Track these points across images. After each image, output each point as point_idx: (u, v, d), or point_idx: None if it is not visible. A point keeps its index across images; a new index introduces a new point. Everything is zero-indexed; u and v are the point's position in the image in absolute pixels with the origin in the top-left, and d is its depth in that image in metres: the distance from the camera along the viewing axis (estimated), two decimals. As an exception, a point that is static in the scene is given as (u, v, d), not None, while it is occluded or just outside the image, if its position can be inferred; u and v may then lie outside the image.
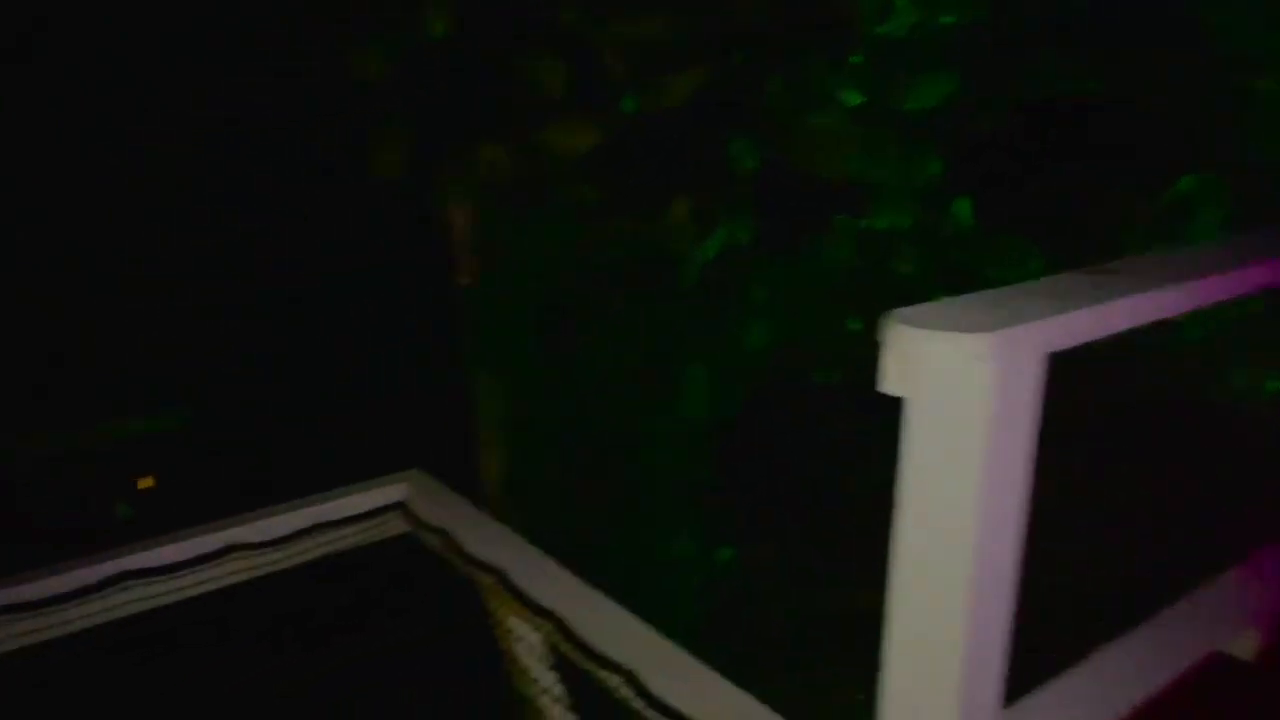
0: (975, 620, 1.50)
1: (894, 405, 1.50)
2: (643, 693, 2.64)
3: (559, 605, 3.06)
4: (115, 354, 7.03)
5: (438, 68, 4.26)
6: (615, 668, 2.72)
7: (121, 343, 6.98)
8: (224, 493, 6.61)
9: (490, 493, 5.50)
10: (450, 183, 4.72)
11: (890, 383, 1.48)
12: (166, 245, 6.46)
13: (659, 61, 4.14)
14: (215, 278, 6.75)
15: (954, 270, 4.35)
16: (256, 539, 3.48)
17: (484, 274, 5.31)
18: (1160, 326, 1.77)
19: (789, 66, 4.36)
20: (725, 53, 4.30)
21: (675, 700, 2.53)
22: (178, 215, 5.06)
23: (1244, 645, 2.34)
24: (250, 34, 4.45)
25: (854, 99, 4.36)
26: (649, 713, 2.53)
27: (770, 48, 4.36)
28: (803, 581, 6.70)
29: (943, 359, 1.42)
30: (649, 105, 4.21)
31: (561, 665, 3.14)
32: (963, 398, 1.41)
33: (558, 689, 3.16)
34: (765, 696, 2.55)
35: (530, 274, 5.32)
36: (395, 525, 3.75)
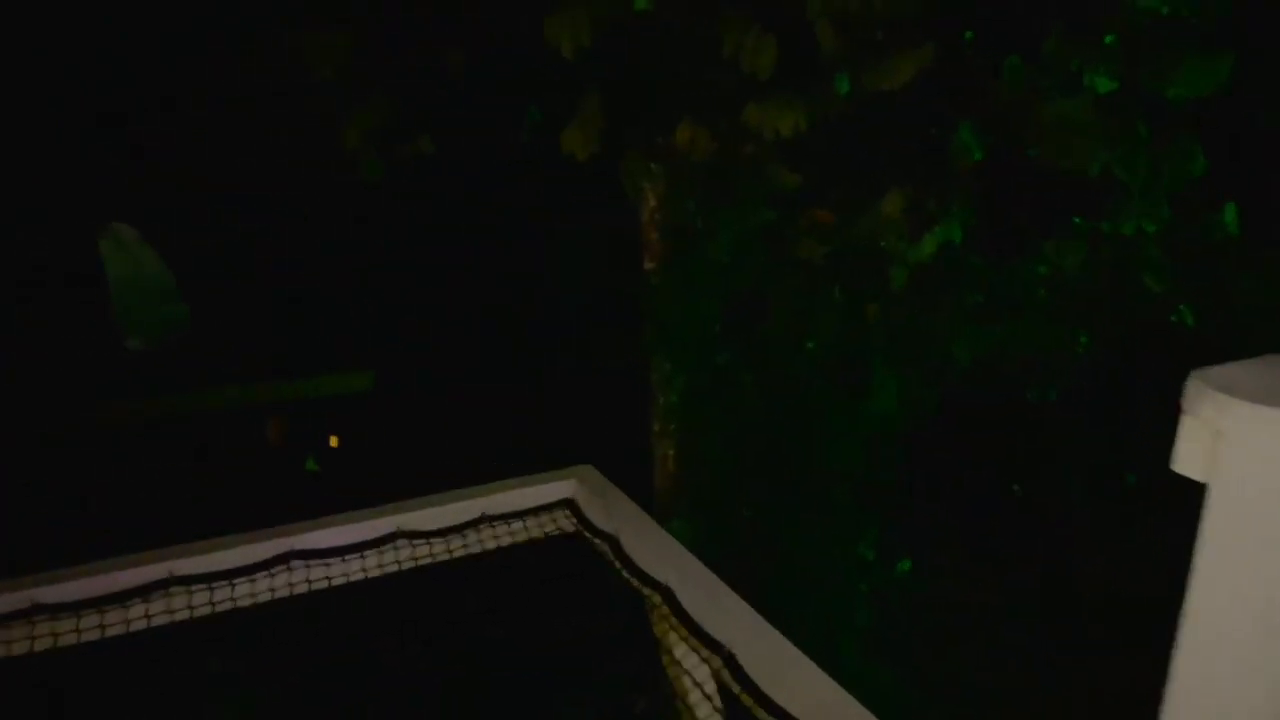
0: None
1: (1109, 437, 1.11)
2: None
3: (731, 637, 2.77)
4: (319, 317, 7.27)
5: (637, 41, 4.02)
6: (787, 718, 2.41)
7: (324, 307, 7.22)
8: (398, 460, 6.73)
9: (660, 486, 5.28)
10: (642, 163, 4.47)
11: (1188, 463, 1.11)
12: (364, 219, 6.59)
13: (879, 38, 3.73)
14: (405, 249, 6.84)
15: (1210, 288, 3.74)
16: (422, 526, 3.38)
17: (670, 259, 5.07)
18: None
19: (1029, 45, 3.85)
20: (955, 29, 3.85)
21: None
22: (375, 193, 5.08)
23: None
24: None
25: (1104, 84, 3.80)
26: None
27: (1008, 24, 3.87)
28: (983, 603, 6.21)
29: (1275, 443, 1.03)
30: (865, 86, 3.81)
31: (727, 700, 2.85)
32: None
33: (722, 726, 2.88)
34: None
35: (719, 262, 5.04)
36: (562, 523, 3.58)
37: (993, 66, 3.86)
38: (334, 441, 7.19)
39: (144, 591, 2.94)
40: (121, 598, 2.92)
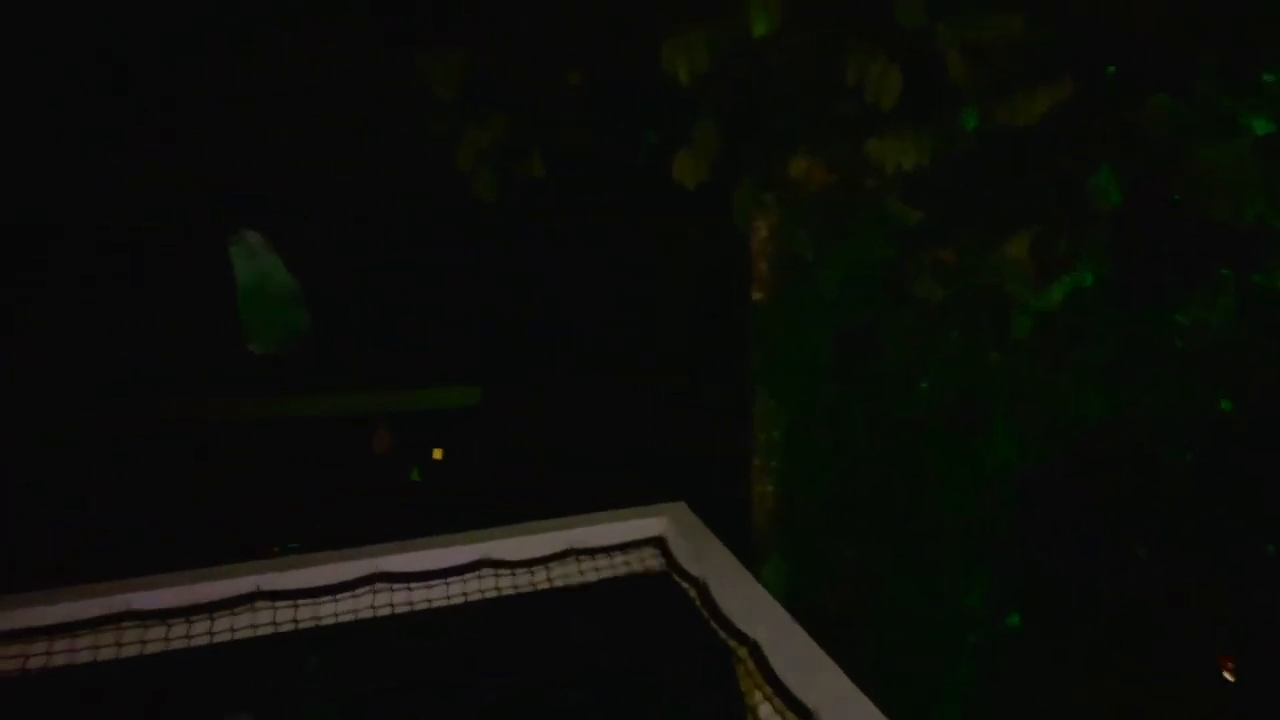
0: None
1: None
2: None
3: (820, 703, 2.61)
4: (430, 330, 7.38)
5: (755, 68, 3.91)
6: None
7: (436, 321, 7.33)
8: (493, 478, 6.75)
9: (756, 524, 5.11)
10: (755, 192, 4.35)
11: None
12: (478, 237, 6.66)
13: (1013, 70, 3.51)
14: (515, 268, 6.88)
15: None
16: (509, 555, 3.32)
17: (780, 291, 4.91)
18: None
19: (1178, 83, 3.56)
20: (1097, 63, 3.59)
21: None
22: (489, 211, 5.11)
23: None
24: (567, 20, 4.33)
25: (1263, 126, 3.48)
26: None
27: (1155, 59, 3.59)
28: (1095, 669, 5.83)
29: None
30: (995, 121, 3.59)
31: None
32: None
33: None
34: None
35: (830, 295, 4.86)
36: (650, 562, 3.47)
37: (1137, 104, 3.59)
38: (438, 454, 7.26)
39: (231, 604, 2.96)
40: (210, 609, 2.95)
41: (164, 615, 2.91)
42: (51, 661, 2.74)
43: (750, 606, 3.08)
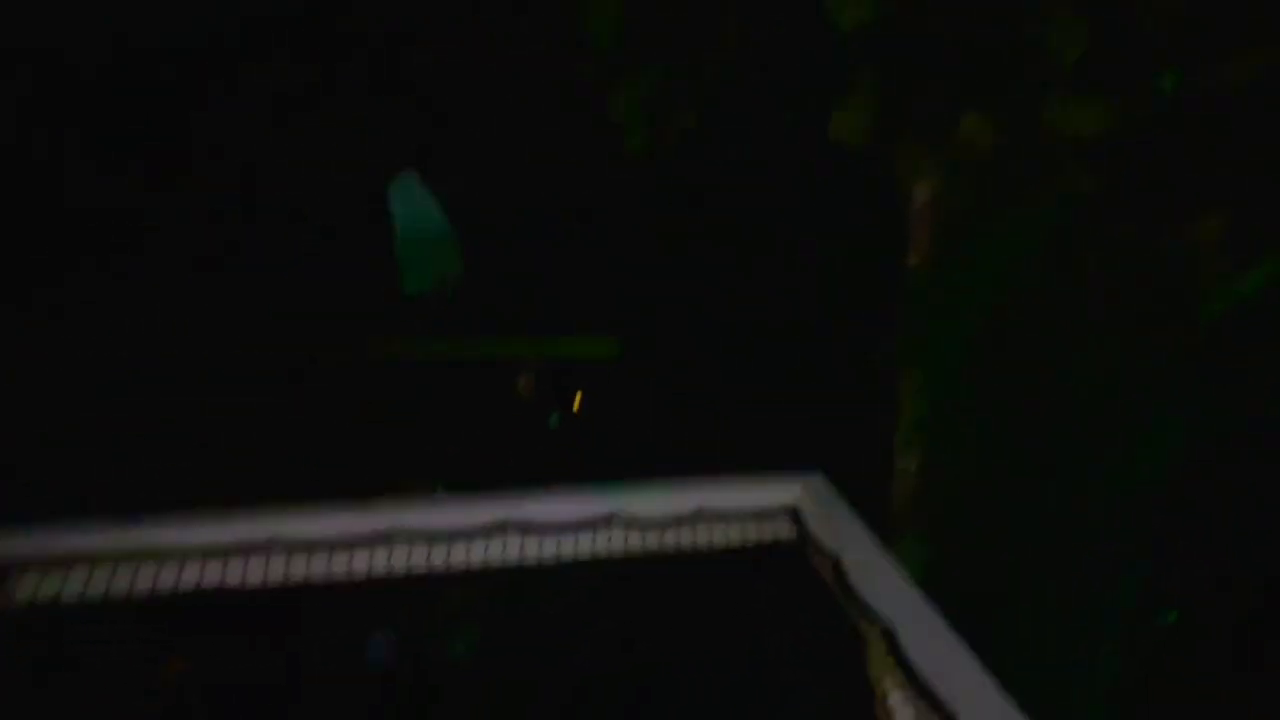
0: None
1: None
2: None
3: (955, 695, 2.49)
4: (576, 280, 7.41)
5: (923, 18, 3.66)
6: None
7: (581, 271, 7.34)
8: (628, 431, 6.75)
9: (897, 501, 4.93)
10: (918, 154, 4.10)
11: None
12: (629, 190, 6.59)
13: (1219, 29, 3.15)
14: (663, 223, 6.78)
15: None
16: (640, 513, 3.29)
17: (939, 259, 4.66)
18: None
19: None
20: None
21: None
22: (640, 164, 5.03)
23: None
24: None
25: None
26: None
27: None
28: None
29: None
30: (1196, 86, 3.24)
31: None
32: None
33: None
34: None
35: (991, 265, 4.58)
36: (782, 532, 3.38)
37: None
38: (576, 404, 7.33)
39: (369, 541, 3.04)
40: (350, 543, 3.03)
41: (309, 545, 3.00)
42: (204, 581, 2.88)
43: (886, 588, 2.95)
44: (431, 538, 3.10)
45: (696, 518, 3.30)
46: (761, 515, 3.37)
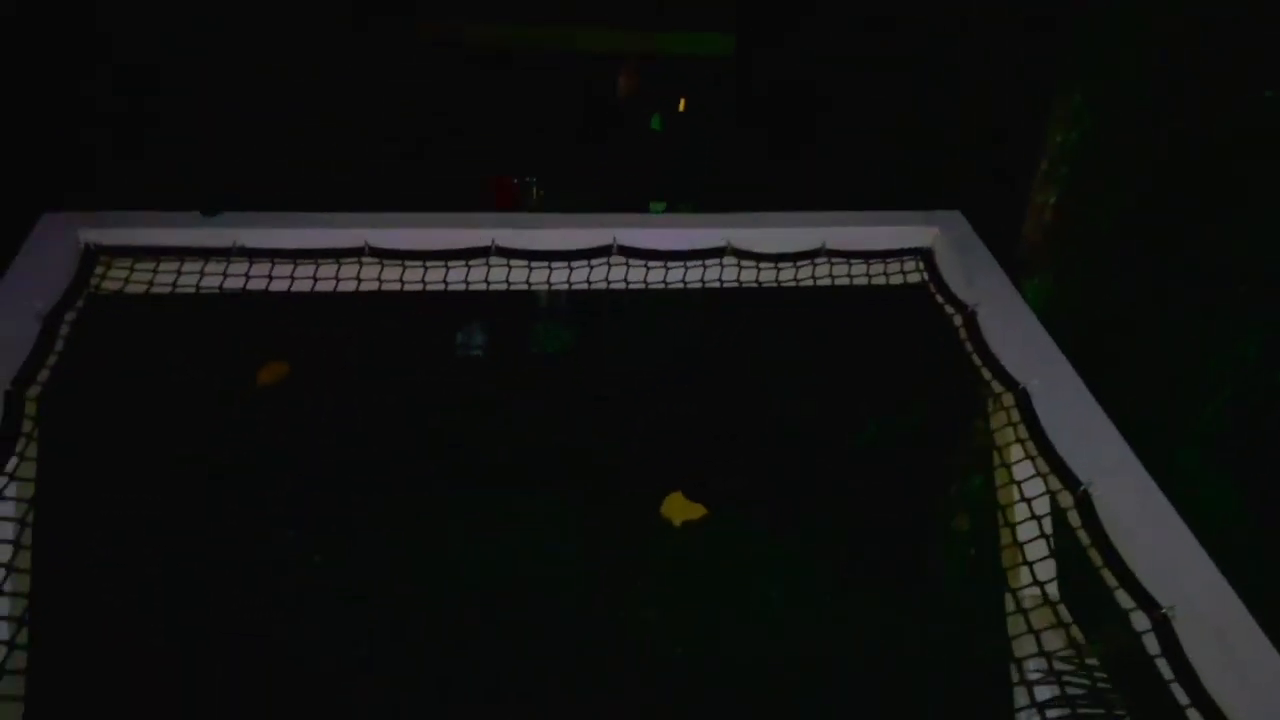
0: None
1: None
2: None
3: (1090, 469, 2.27)
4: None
5: None
6: (1151, 603, 1.94)
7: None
8: (738, 142, 6.27)
9: (1028, 238, 4.51)
10: None
11: None
12: None
13: None
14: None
15: None
16: (755, 246, 3.00)
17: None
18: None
19: None
20: None
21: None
22: None
23: None
24: None
25: None
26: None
27: None
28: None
29: None
30: None
31: (1062, 539, 2.40)
32: None
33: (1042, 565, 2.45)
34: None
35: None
36: (911, 275, 3.07)
37: None
38: (682, 105, 6.82)
39: (467, 255, 2.85)
40: (445, 256, 2.85)
41: (402, 255, 2.84)
42: (294, 285, 2.76)
43: (1024, 346, 2.67)
44: (531, 258, 2.90)
45: (817, 254, 3.00)
46: (889, 256, 3.05)
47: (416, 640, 3.41)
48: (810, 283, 2.98)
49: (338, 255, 2.80)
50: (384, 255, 2.81)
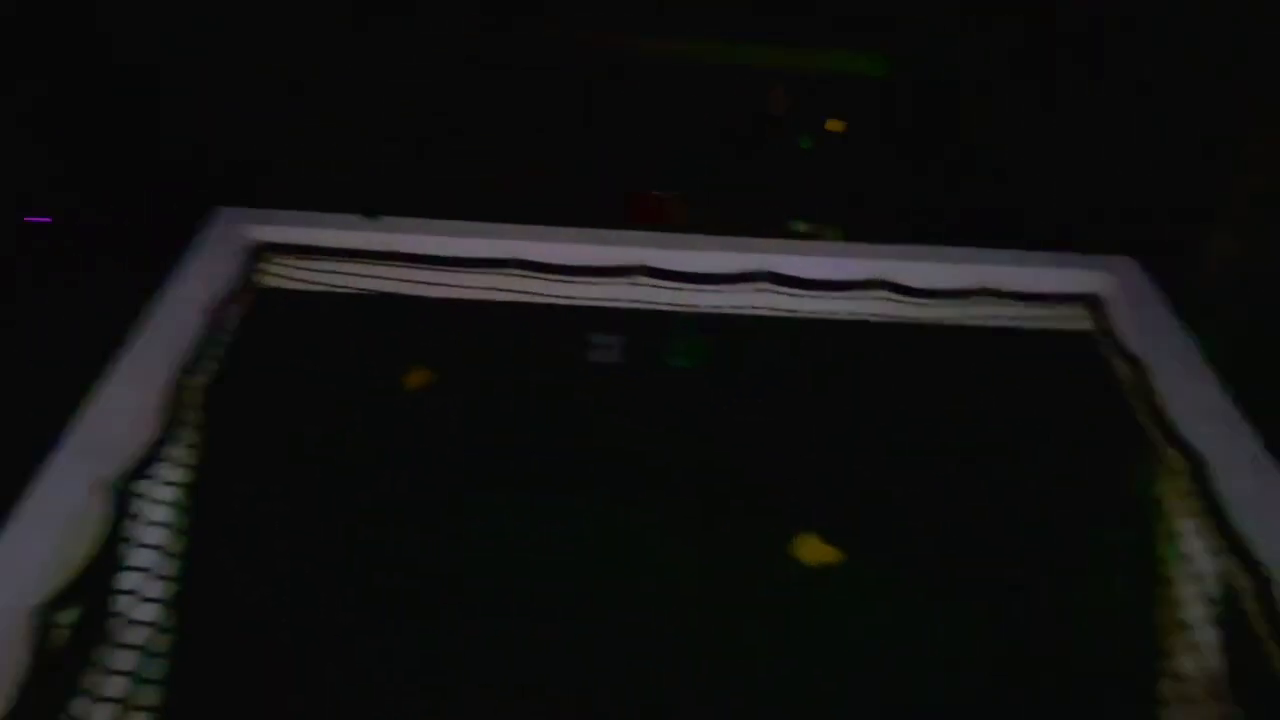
0: None
1: None
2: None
3: (1275, 556, 2.06)
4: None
5: None
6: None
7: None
8: (892, 168, 6.06)
9: (1204, 286, 4.20)
10: None
11: None
12: None
13: None
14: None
15: None
16: (911, 281, 2.87)
17: None
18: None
19: None
20: None
21: None
22: None
23: None
24: None
25: None
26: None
27: None
28: None
29: None
30: None
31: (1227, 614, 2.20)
32: None
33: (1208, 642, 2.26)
34: None
35: None
36: (1078, 322, 2.88)
37: None
38: (835, 125, 6.64)
39: (616, 273, 2.84)
40: (592, 273, 2.84)
41: (549, 270, 2.84)
42: (449, 293, 2.80)
43: (1200, 406, 2.45)
44: (679, 279, 2.86)
45: (978, 293, 2.85)
46: (1055, 300, 2.87)
47: (534, 642, 3.40)
48: (968, 321, 2.84)
49: (488, 265, 2.83)
50: (533, 268, 2.82)
